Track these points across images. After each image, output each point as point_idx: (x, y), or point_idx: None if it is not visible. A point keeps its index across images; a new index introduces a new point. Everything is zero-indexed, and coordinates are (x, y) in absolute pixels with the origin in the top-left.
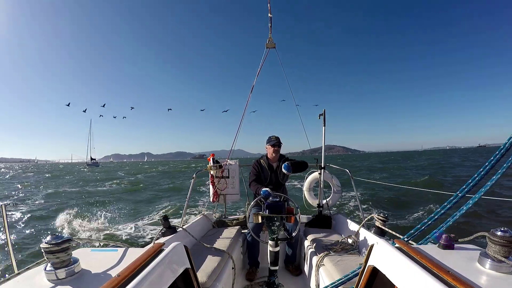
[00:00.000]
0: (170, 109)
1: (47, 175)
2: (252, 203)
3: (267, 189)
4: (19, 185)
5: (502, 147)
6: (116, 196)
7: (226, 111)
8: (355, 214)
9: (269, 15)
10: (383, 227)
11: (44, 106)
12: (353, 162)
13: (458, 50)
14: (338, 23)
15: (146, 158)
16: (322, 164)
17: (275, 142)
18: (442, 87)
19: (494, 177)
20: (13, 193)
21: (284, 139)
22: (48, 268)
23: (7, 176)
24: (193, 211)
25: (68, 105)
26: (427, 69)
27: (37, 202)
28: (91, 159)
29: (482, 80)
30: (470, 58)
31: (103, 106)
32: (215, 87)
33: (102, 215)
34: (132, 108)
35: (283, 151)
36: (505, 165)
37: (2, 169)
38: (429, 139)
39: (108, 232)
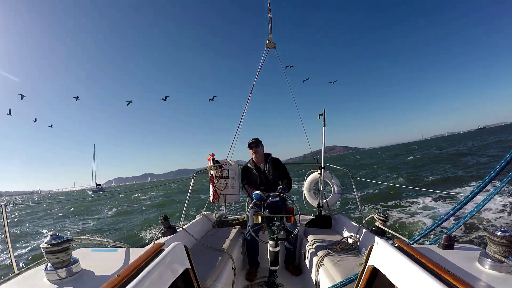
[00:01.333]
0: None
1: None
2: (251, 203)
3: (258, 192)
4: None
5: (503, 161)
6: None
7: (213, 99)
8: (355, 214)
9: (269, 15)
10: (383, 227)
11: (39, 136)
12: (361, 161)
13: (450, 34)
14: (334, 22)
15: (149, 179)
16: (322, 164)
17: (250, 144)
18: (435, 74)
19: (499, 185)
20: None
21: (286, 145)
22: (48, 268)
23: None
24: (193, 211)
25: (51, 126)
26: (420, 59)
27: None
28: (96, 184)
29: (473, 62)
30: (461, 41)
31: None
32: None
33: None
34: (23, 95)
35: (285, 156)
36: (509, 174)
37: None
38: (428, 128)
39: (108, 232)
